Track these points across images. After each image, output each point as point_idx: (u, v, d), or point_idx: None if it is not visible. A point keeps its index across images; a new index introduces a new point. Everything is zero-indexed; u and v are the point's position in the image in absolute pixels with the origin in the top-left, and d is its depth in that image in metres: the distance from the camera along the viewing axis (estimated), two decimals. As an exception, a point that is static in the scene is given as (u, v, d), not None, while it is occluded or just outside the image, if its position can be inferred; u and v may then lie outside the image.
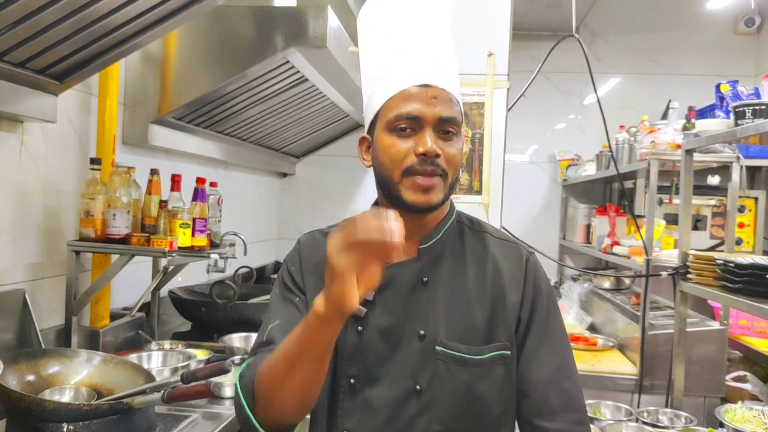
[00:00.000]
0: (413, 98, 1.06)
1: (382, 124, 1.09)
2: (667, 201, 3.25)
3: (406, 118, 1.05)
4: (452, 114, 1.07)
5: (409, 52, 1.10)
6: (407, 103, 1.06)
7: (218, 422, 1.58)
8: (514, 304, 1.13)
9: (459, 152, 1.09)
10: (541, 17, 4.08)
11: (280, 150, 3.56)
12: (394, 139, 1.07)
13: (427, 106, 1.06)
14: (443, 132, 1.07)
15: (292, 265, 1.18)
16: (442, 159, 1.06)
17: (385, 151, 1.07)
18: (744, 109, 2.13)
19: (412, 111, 1.05)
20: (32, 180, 1.76)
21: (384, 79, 1.10)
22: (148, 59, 2.13)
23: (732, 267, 1.97)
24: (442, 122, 1.06)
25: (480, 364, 1.09)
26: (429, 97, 1.06)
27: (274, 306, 1.15)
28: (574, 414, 1.09)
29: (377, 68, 1.13)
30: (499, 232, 1.23)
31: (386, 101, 1.09)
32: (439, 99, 1.06)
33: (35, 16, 1.35)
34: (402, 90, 1.07)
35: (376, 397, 1.09)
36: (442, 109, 1.06)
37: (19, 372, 1.43)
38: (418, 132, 1.06)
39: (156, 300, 2.28)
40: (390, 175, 1.07)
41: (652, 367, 2.69)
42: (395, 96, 1.07)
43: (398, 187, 1.07)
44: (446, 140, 1.07)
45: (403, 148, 1.06)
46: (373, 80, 1.13)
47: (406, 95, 1.06)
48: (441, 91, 1.07)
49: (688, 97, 3.50)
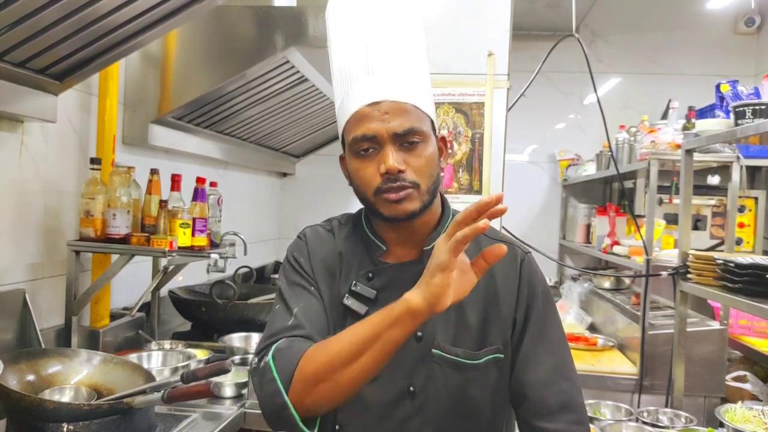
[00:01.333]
0: (366, 118, 1.05)
1: (347, 146, 1.10)
2: (667, 201, 3.25)
3: (362, 140, 1.05)
4: (409, 125, 1.05)
5: (352, 70, 1.09)
6: (361, 125, 1.05)
7: (218, 422, 1.58)
8: (508, 306, 1.12)
9: (428, 159, 1.07)
10: (541, 17, 4.08)
11: (280, 150, 3.56)
12: (359, 162, 1.07)
13: (381, 124, 1.04)
14: (407, 143, 1.06)
15: (301, 256, 1.17)
16: (409, 172, 1.05)
17: (355, 174, 1.09)
18: (744, 109, 2.12)
19: (366, 132, 1.05)
20: (32, 180, 1.76)
21: (342, 101, 1.11)
22: (148, 59, 2.13)
23: (732, 267, 1.96)
24: (399, 136, 1.05)
25: (474, 368, 1.10)
26: (381, 114, 1.05)
27: (288, 294, 1.13)
28: (572, 414, 1.09)
29: (337, 87, 1.13)
30: (495, 232, 1.22)
31: (344, 125, 1.09)
32: (392, 114, 1.05)
33: (35, 16, 1.35)
34: (355, 112, 1.07)
35: (371, 395, 1.09)
36: (397, 124, 1.04)
37: (19, 372, 1.43)
38: (380, 150, 1.06)
39: (156, 300, 2.28)
40: (365, 196, 1.09)
41: (652, 367, 2.69)
42: (350, 119, 1.08)
43: (374, 205, 1.08)
44: (411, 151, 1.06)
45: (370, 172, 1.06)
46: (336, 99, 1.14)
47: (359, 116, 1.06)
48: (393, 105, 1.05)
49: (688, 97, 3.50)
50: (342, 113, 1.10)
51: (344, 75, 1.11)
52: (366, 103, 1.06)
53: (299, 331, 1.06)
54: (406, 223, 1.10)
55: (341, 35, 1.13)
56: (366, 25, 1.10)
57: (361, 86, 1.07)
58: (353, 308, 1.10)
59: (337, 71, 1.13)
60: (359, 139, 1.05)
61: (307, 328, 1.06)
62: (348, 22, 1.12)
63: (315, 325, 1.08)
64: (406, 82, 1.08)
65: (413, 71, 1.11)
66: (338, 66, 1.13)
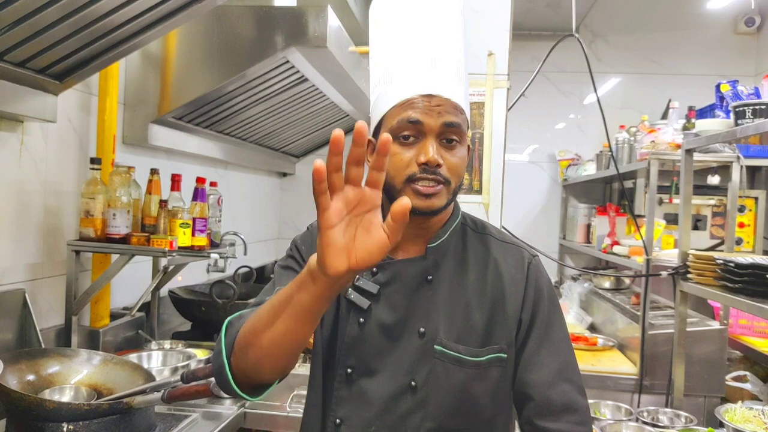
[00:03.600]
0: (416, 107, 1.06)
1: (385, 130, 1.09)
2: (667, 201, 3.25)
3: (408, 123, 1.06)
4: (456, 120, 1.07)
5: (415, 59, 1.10)
6: (411, 110, 1.06)
7: (218, 422, 1.58)
8: (514, 307, 1.13)
9: (462, 160, 1.10)
10: (541, 17, 4.08)
11: (280, 150, 3.56)
12: (397, 147, 1.07)
13: (430, 115, 1.06)
14: (447, 141, 1.07)
15: (303, 244, 1.19)
16: (444, 168, 1.06)
17: (389, 159, 1.08)
18: (744, 109, 2.13)
19: (413, 116, 1.05)
20: (32, 180, 1.76)
21: (389, 85, 1.10)
22: (148, 59, 2.13)
23: (732, 267, 1.96)
24: (446, 129, 1.06)
25: (477, 365, 1.10)
26: (432, 106, 1.06)
27: (278, 275, 1.17)
28: (575, 415, 1.09)
29: (383, 71, 1.13)
30: (503, 234, 1.23)
31: (389, 109, 1.09)
32: (443, 107, 1.07)
33: (35, 16, 1.35)
34: (407, 99, 1.07)
35: (372, 390, 1.10)
36: (446, 117, 1.06)
37: (19, 372, 1.43)
38: (420, 140, 1.07)
39: (156, 300, 2.28)
40: (392, 183, 1.08)
41: (652, 367, 2.69)
42: (398, 105, 1.08)
43: (400, 194, 1.07)
44: (449, 149, 1.08)
45: (406, 158, 1.06)
46: (379, 83, 1.14)
47: (409, 104, 1.07)
48: (445, 101, 1.07)
49: (688, 97, 3.50)
50: (388, 98, 1.10)
51: (396, 61, 1.11)
52: (421, 92, 1.07)
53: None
54: (421, 218, 1.10)
55: (393, 21, 1.13)
56: (422, 16, 1.11)
57: (417, 76, 1.08)
58: (356, 302, 1.12)
59: (386, 57, 1.13)
60: (405, 121, 1.06)
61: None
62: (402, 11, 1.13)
63: None
64: (458, 83, 1.11)
65: (463, 74, 1.13)
66: (388, 51, 1.13)
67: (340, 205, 0.78)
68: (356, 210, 0.78)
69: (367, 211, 0.78)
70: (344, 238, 0.78)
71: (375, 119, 1.14)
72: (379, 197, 0.78)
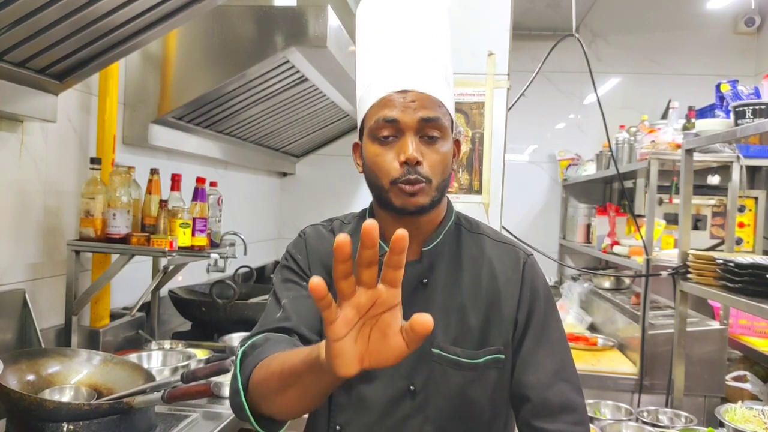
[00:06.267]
0: (392, 104, 1.05)
1: (366, 131, 1.09)
2: (667, 201, 3.25)
3: (385, 122, 1.05)
4: (434, 114, 1.06)
5: (392, 57, 1.09)
6: (386, 109, 1.06)
7: (218, 422, 1.58)
8: (510, 307, 1.13)
9: (444, 156, 1.08)
10: (541, 17, 4.08)
11: (280, 150, 3.56)
12: (378, 148, 1.07)
13: (406, 111, 1.05)
14: (427, 137, 1.06)
15: (298, 253, 1.18)
16: (424, 166, 1.05)
17: (372, 161, 1.08)
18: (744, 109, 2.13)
19: (389, 114, 1.05)
20: (32, 180, 1.76)
21: (369, 86, 1.10)
22: (148, 59, 2.13)
23: (732, 267, 1.97)
24: (424, 124, 1.05)
25: (474, 367, 1.10)
26: (408, 102, 1.05)
27: (279, 288, 1.14)
28: (573, 415, 1.09)
29: (366, 74, 1.13)
30: (497, 233, 1.23)
31: (368, 109, 1.09)
32: (419, 102, 1.05)
33: (35, 15, 1.35)
34: (381, 97, 1.07)
35: (371, 395, 1.10)
36: (422, 112, 1.05)
37: (19, 372, 1.43)
38: (400, 138, 1.06)
39: (156, 300, 2.28)
40: (379, 183, 1.08)
41: (652, 367, 2.69)
42: (376, 103, 1.07)
43: (388, 194, 1.07)
44: (430, 145, 1.06)
45: (388, 159, 1.06)
46: (362, 86, 1.14)
47: (385, 102, 1.06)
48: (421, 95, 1.06)
49: (688, 97, 3.50)
50: (366, 98, 1.10)
51: (374, 62, 1.11)
52: (395, 89, 1.06)
53: (285, 323, 1.06)
54: (412, 218, 1.09)
55: (374, 24, 1.13)
56: (401, 17, 1.11)
57: (391, 73, 1.08)
58: None
59: (366, 59, 1.13)
60: (381, 120, 1.05)
61: (293, 320, 1.06)
62: (383, 13, 1.13)
63: (303, 317, 1.08)
64: (435, 76, 1.09)
65: (441, 68, 1.12)
66: (368, 53, 1.13)
67: (351, 313, 0.69)
68: (371, 311, 0.69)
69: (384, 311, 0.69)
70: (356, 347, 0.70)
71: (359, 122, 1.14)
72: (398, 296, 0.69)
